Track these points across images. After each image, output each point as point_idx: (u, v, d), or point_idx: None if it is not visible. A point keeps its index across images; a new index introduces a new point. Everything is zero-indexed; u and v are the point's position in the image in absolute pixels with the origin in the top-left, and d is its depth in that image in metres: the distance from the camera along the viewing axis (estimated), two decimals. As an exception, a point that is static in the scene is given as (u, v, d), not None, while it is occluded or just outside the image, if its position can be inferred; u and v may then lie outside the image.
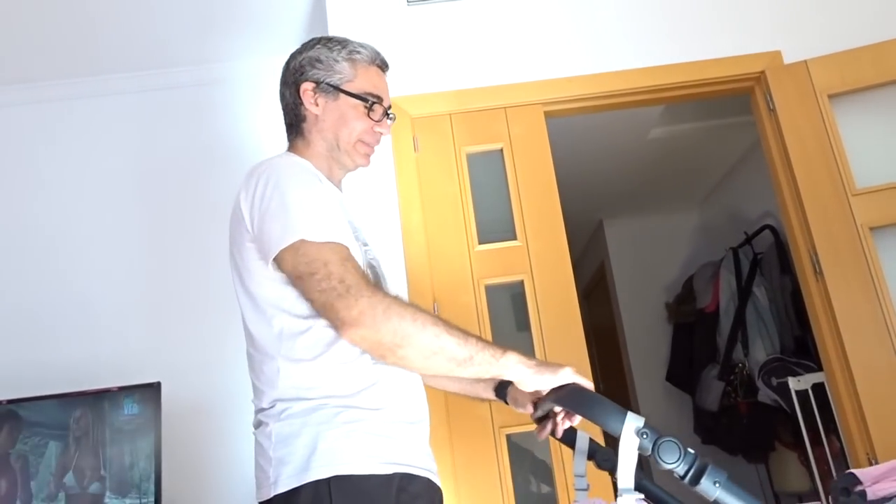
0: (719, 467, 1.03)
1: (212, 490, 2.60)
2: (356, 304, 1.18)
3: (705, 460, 1.04)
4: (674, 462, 1.03)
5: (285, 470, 1.22)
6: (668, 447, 1.03)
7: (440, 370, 1.22)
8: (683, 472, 1.03)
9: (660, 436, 1.04)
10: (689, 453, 1.04)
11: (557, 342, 2.44)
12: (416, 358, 1.20)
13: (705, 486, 1.02)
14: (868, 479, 1.29)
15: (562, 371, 1.22)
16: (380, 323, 1.18)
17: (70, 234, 2.91)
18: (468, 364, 1.20)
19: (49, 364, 2.67)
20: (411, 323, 1.19)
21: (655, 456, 1.03)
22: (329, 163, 1.48)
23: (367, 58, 1.50)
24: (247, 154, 2.85)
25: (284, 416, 1.26)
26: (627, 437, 1.05)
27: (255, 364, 1.36)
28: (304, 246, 1.24)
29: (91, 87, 3.06)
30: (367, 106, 1.46)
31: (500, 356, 1.21)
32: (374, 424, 1.25)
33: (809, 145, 2.60)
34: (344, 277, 1.21)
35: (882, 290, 2.43)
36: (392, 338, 1.18)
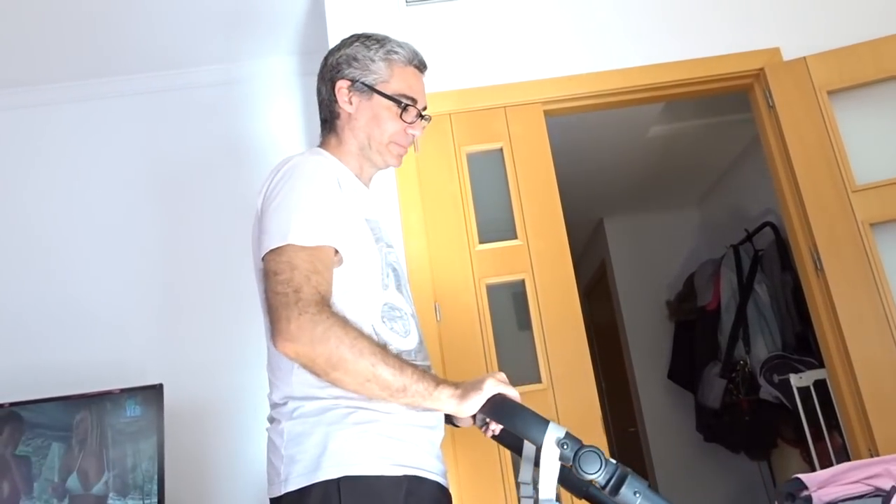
0: (639, 478, 1.03)
1: (214, 491, 2.60)
2: (297, 318, 1.16)
3: (626, 470, 1.04)
4: (594, 472, 1.03)
5: (296, 468, 1.23)
6: (588, 457, 1.04)
7: (374, 397, 1.22)
8: (604, 482, 1.03)
9: (581, 446, 1.05)
10: (610, 463, 1.04)
11: (558, 341, 2.44)
12: (350, 383, 1.20)
13: (625, 495, 1.01)
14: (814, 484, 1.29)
15: (485, 385, 1.21)
16: (315, 343, 1.16)
17: (74, 237, 2.91)
18: (402, 394, 1.20)
19: (51, 366, 2.67)
20: (348, 349, 1.17)
21: (576, 466, 1.04)
22: (360, 161, 1.48)
23: (405, 58, 1.49)
24: (262, 154, 2.86)
25: (297, 414, 1.27)
26: (549, 448, 1.05)
27: (271, 358, 1.36)
28: (286, 247, 1.24)
29: (107, 88, 3.06)
30: (400, 108, 1.45)
31: (432, 390, 1.20)
32: (385, 426, 1.25)
33: (809, 142, 2.60)
34: (300, 288, 1.19)
35: (883, 285, 2.43)
36: (326, 360, 1.17)
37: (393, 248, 1.44)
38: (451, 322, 2.44)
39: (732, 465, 4.21)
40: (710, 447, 4.18)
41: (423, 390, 1.20)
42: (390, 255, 1.41)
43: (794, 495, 1.31)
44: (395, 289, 1.39)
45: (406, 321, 1.38)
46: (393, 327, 1.34)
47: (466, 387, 1.22)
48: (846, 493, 1.27)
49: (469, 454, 2.32)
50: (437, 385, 1.21)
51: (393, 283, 1.39)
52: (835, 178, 2.55)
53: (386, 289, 1.37)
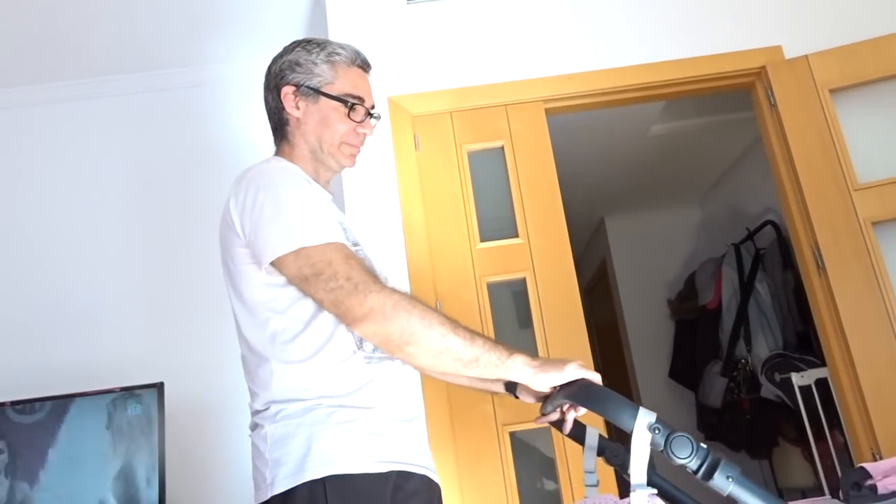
0: (731, 463, 1.02)
1: (215, 490, 2.60)
2: (366, 300, 1.20)
3: (718, 455, 1.03)
4: (686, 457, 1.02)
5: (281, 471, 1.23)
6: (680, 442, 1.03)
7: (446, 369, 1.23)
8: (696, 467, 1.03)
9: (672, 431, 1.04)
10: (702, 448, 1.03)
11: (560, 339, 2.44)
12: (423, 356, 1.21)
13: (718, 480, 1.01)
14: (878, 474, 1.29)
15: (567, 367, 1.21)
16: (389, 319, 1.19)
17: (68, 237, 2.91)
18: (474, 365, 1.21)
19: (52, 366, 2.67)
20: (419, 321, 1.20)
21: (668, 451, 1.03)
22: (314, 165, 1.47)
23: (347, 58, 1.49)
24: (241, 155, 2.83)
25: (279, 417, 1.27)
26: (640, 433, 1.04)
27: (249, 367, 1.37)
28: (305, 249, 1.25)
29: (81, 89, 3.06)
30: (347, 107, 1.45)
31: (505, 358, 1.22)
32: (368, 423, 1.25)
33: (811, 140, 2.59)
34: (350, 275, 1.23)
35: (885, 284, 2.43)
36: (400, 334, 1.20)
37: (360, 246, 1.44)
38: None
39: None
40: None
41: (495, 360, 1.21)
42: (358, 253, 1.41)
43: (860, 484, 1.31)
44: None
45: None
46: None
47: (545, 362, 1.23)
48: None
49: (470, 451, 2.32)
50: (510, 353, 1.22)
51: None
52: (836, 177, 2.55)
53: None
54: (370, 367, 1.30)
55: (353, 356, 1.29)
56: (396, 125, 2.61)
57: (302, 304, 1.29)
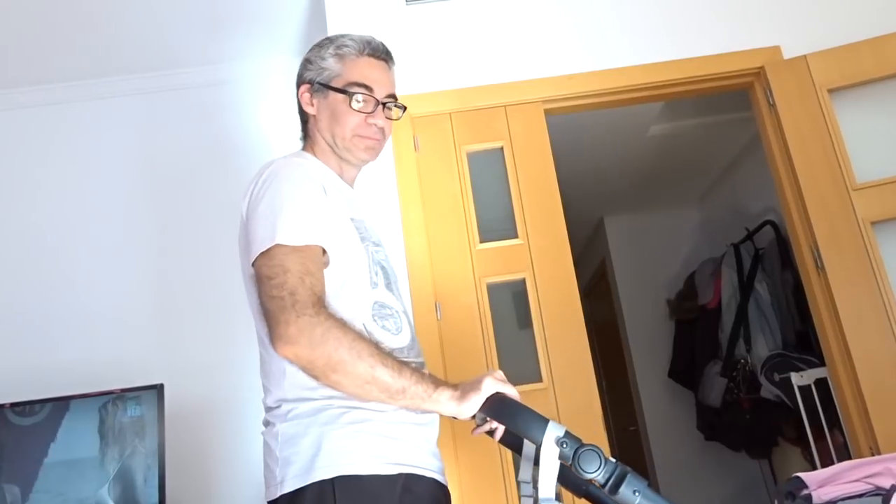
0: (639, 477, 1.02)
1: (215, 491, 2.60)
2: (296, 320, 1.17)
3: (625, 469, 1.03)
4: (594, 471, 1.03)
5: (291, 470, 1.22)
6: (587, 456, 1.03)
7: (373, 399, 1.22)
8: (604, 481, 1.03)
9: (580, 445, 1.04)
10: (610, 462, 1.04)
11: (559, 339, 2.44)
12: (349, 385, 1.20)
13: (624, 494, 1.01)
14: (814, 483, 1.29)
15: (483, 384, 1.21)
16: (315, 345, 1.17)
17: (73, 237, 2.91)
18: (400, 396, 1.20)
19: (52, 367, 2.67)
20: (347, 351, 1.17)
21: (576, 465, 1.03)
22: (336, 160, 1.48)
23: (355, 49, 1.47)
24: (253, 154, 2.85)
25: (291, 416, 1.27)
26: (548, 447, 1.05)
27: (263, 363, 1.36)
28: (275, 248, 1.24)
29: (95, 89, 3.07)
30: (349, 97, 1.44)
31: (432, 392, 1.21)
32: (379, 425, 1.25)
33: (809, 140, 2.60)
34: (296, 290, 1.19)
35: (884, 284, 2.43)
36: (325, 362, 1.18)
37: (381, 246, 1.44)
38: (451, 321, 2.44)
39: (733, 464, 4.21)
40: (711, 446, 4.18)
41: (422, 392, 1.20)
42: (378, 253, 1.41)
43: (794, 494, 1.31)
44: (384, 287, 1.39)
45: (397, 319, 1.38)
46: (384, 325, 1.34)
47: (465, 387, 1.22)
48: (846, 492, 1.27)
49: (470, 453, 2.32)
50: (436, 387, 1.21)
51: (382, 281, 1.39)
52: (835, 177, 2.55)
53: (375, 287, 1.37)
54: None
55: None
56: (396, 126, 2.56)
57: None
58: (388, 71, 1.50)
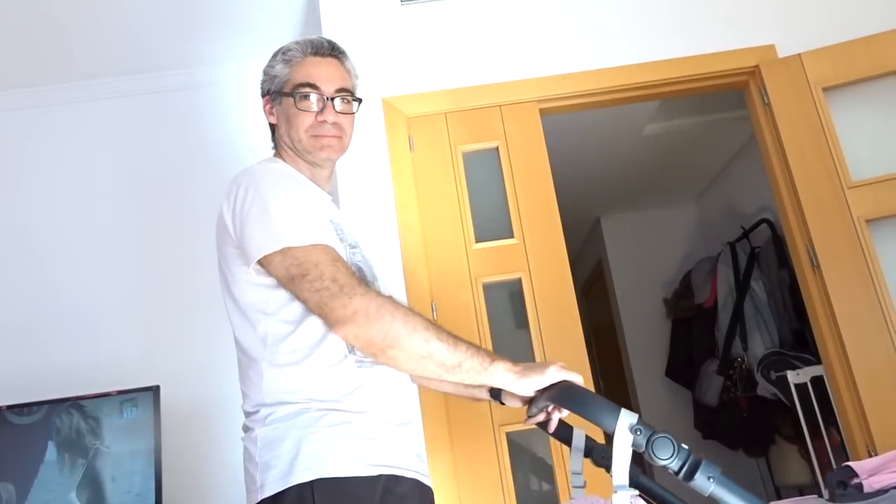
0: (713, 462, 1.02)
1: (211, 492, 2.59)
2: (350, 302, 1.19)
3: (699, 456, 1.04)
4: (668, 458, 1.03)
5: (271, 474, 1.22)
6: (661, 443, 1.03)
7: (429, 374, 1.23)
8: (678, 468, 1.03)
9: (654, 432, 1.04)
10: (683, 449, 1.03)
11: (556, 339, 2.44)
12: (406, 360, 1.21)
13: (700, 481, 1.01)
14: (864, 472, 1.29)
15: (548, 370, 1.22)
16: (372, 321, 1.19)
17: (64, 240, 2.90)
18: (456, 370, 1.21)
19: (47, 370, 2.67)
20: (402, 325, 1.19)
21: (649, 452, 1.03)
22: (305, 164, 1.48)
23: (300, 51, 1.48)
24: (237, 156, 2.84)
25: (269, 420, 1.27)
26: (621, 434, 1.04)
27: (242, 369, 1.38)
28: (291, 249, 1.25)
29: (77, 92, 3.06)
30: (294, 98, 1.44)
31: (487, 365, 1.22)
32: (359, 427, 1.25)
33: (804, 139, 2.60)
34: (336, 277, 1.22)
35: (879, 282, 2.44)
36: (383, 338, 1.19)
37: (358, 248, 1.44)
38: (447, 321, 2.44)
39: (730, 462, 4.21)
40: (708, 444, 4.18)
41: (477, 365, 1.21)
42: (355, 255, 1.41)
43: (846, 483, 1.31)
44: None
45: None
46: None
47: (527, 367, 1.23)
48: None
49: (467, 454, 2.32)
50: (492, 360, 1.22)
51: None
52: (830, 175, 2.55)
53: None
54: (362, 370, 1.29)
55: (344, 360, 1.28)
56: (391, 126, 2.61)
57: (293, 307, 1.29)
58: (336, 66, 1.49)
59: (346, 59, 1.52)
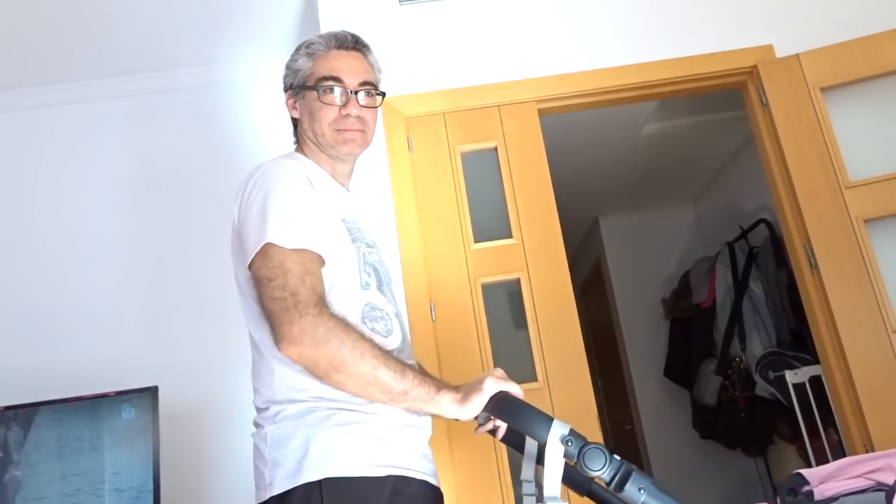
0: (644, 474, 1.03)
1: (211, 493, 2.59)
2: (299, 320, 1.17)
3: (630, 466, 1.04)
4: (599, 469, 1.03)
5: (279, 472, 1.22)
6: (593, 454, 1.03)
7: (375, 400, 1.22)
8: (609, 479, 1.03)
9: (585, 443, 1.04)
10: (615, 460, 1.04)
11: (555, 339, 2.44)
12: (352, 385, 1.20)
13: (630, 492, 1.01)
14: (815, 479, 1.29)
15: (485, 384, 1.21)
16: (318, 345, 1.17)
17: (67, 239, 2.90)
18: (402, 398, 1.21)
19: (46, 370, 2.66)
20: (349, 351, 1.18)
21: (581, 463, 1.03)
22: (327, 159, 1.48)
23: (323, 45, 1.48)
24: (247, 154, 2.85)
25: (279, 418, 1.27)
26: (553, 445, 1.05)
27: (254, 365, 1.37)
28: (272, 250, 1.24)
29: (89, 91, 3.05)
30: (318, 92, 1.44)
31: (434, 394, 1.21)
32: (368, 427, 1.25)
33: (802, 139, 2.60)
34: (297, 291, 1.20)
35: (877, 281, 2.44)
36: (328, 362, 1.18)
37: (374, 248, 1.43)
38: (446, 321, 2.44)
39: (729, 462, 4.22)
40: (707, 444, 4.19)
41: (423, 395, 1.21)
42: (371, 255, 1.40)
43: (796, 490, 1.31)
44: (375, 289, 1.39)
45: (388, 321, 1.38)
46: (374, 328, 1.33)
47: (467, 389, 1.22)
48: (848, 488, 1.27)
49: (466, 455, 2.32)
50: (438, 390, 1.22)
51: (374, 282, 1.39)
52: (828, 175, 2.56)
53: (367, 288, 1.36)
54: None
55: None
56: (390, 126, 2.61)
57: None
58: (360, 59, 1.49)
59: (369, 52, 1.52)
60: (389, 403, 1.22)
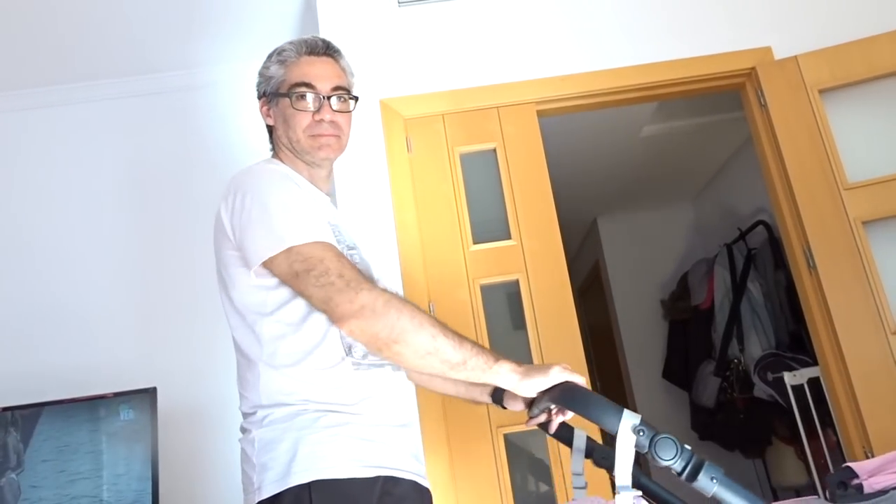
0: (716, 463, 1.03)
1: (208, 494, 2.59)
2: (357, 297, 1.20)
3: (702, 457, 1.04)
4: (671, 459, 1.03)
5: (268, 476, 1.22)
6: (664, 444, 1.03)
7: (433, 370, 1.23)
8: (681, 469, 1.03)
9: (656, 433, 1.04)
10: (686, 450, 1.04)
11: (553, 341, 2.44)
12: (411, 356, 1.21)
13: (703, 482, 1.01)
14: (864, 473, 1.29)
15: (551, 371, 1.22)
16: (379, 316, 1.19)
17: (61, 242, 2.89)
18: (461, 368, 1.21)
19: (44, 371, 2.66)
20: (409, 320, 1.20)
21: (652, 453, 1.03)
22: (303, 165, 1.48)
23: (294, 52, 1.48)
24: (234, 157, 2.84)
25: (267, 422, 1.27)
26: (624, 435, 1.05)
27: (240, 370, 1.38)
28: (295, 248, 1.25)
29: (74, 93, 3.05)
30: (290, 98, 1.44)
31: (492, 363, 1.22)
32: (356, 428, 1.25)
33: (801, 140, 2.61)
34: (342, 272, 1.22)
35: (875, 283, 2.44)
36: (389, 332, 1.19)
37: (356, 249, 1.44)
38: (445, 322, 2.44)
39: (727, 463, 4.22)
40: (705, 445, 4.19)
41: (482, 363, 1.22)
42: (353, 256, 1.41)
43: (846, 484, 1.31)
44: None
45: None
46: None
47: (531, 367, 1.23)
48: None
49: (464, 453, 2.31)
50: (496, 360, 1.23)
51: None
52: (827, 177, 2.56)
53: None
54: (359, 373, 1.29)
55: (341, 362, 1.28)
56: (388, 128, 2.61)
57: (290, 308, 1.29)
58: (331, 65, 1.49)
59: (341, 57, 1.52)
60: (448, 374, 1.23)
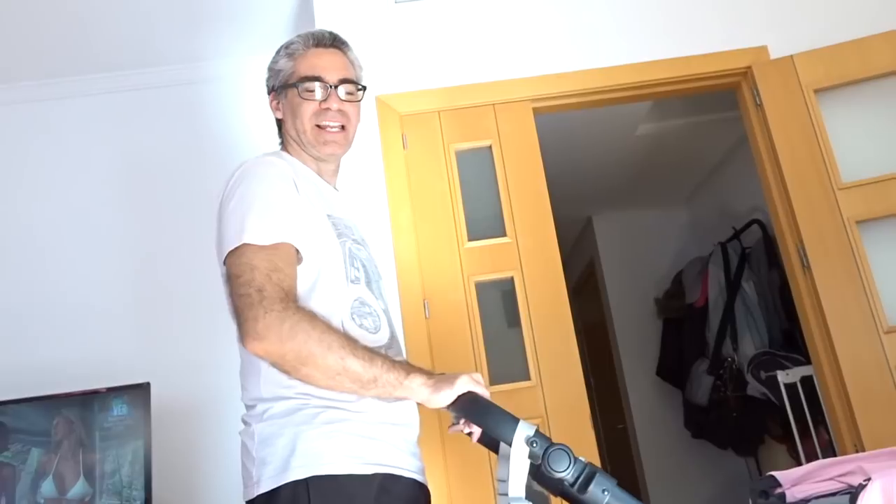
0: (608, 476, 1.03)
1: (202, 491, 2.59)
2: (264, 316, 1.17)
3: (594, 468, 1.04)
4: (563, 470, 1.03)
5: (266, 470, 1.22)
6: (557, 456, 1.04)
7: (345, 390, 1.22)
8: (573, 480, 1.04)
9: (550, 444, 1.05)
10: (579, 461, 1.04)
11: (548, 338, 2.44)
12: (320, 377, 1.20)
13: (594, 493, 1.02)
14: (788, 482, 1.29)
15: (457, 382, 1.22)
16: (284, 339, 1.17)
17: (57, 235, 2.88)
18: (372, 385, 1.21)
19: (37, 366, 2.65)
20: (317, 343, 1.18)
21: (545, 464, 1.04)
22: (310, 158, 1.48)
23: (302, 45, 1.49)
24: (235, 151, 2.83)
25: (267, 416, 1.27)
26: (518, 446, 1.05)
27: (242, 361, 1.37)
28: (244, 247, 1.24)
29: (77, 86, 3.04)
30: (297, 89, 1.45)
31: (403, 378, 1.22)
32: (356, 425, 1.25)
33: (796, 140, 2.61)
34: (263, 287, 1.20)
35: (869, 283, 2.45)
36: (296, 356, 1.18)
37: (363, 245, 1.43)
38: (439, 319, 2.44)
39: (720, 462, 4.24)
40: (698, 443, 4.20)
41: (393, 380, 1.21)
42: (360, 251, 1.40)
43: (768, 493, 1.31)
44: (364, 285, 1.39)
45: (376, 317, 1.38)
46: (362, 323, 1.33)
47: (440, 379, 1.23)
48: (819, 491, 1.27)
49: (458, 454, 2.32)
50: (407, 374, 1.22)
51: (363, 278, 1.39)
52: (821, 176, 2.57)
53: (356, 283, 1.36)
54: None
55: None
56: (384, 124, 2.60)
57: None
58: (339, 56, 1.50)
59: (348, 49, 1.53)
60: (360, 392, 1.22)
